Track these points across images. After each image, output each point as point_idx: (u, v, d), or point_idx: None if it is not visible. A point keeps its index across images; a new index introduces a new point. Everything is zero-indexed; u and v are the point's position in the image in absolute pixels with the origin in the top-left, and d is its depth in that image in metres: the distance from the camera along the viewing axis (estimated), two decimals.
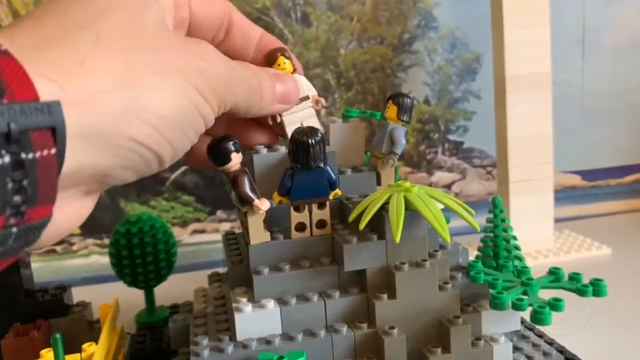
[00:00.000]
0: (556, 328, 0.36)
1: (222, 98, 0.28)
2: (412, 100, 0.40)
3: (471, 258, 0.40)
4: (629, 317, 0.52)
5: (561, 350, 0.39)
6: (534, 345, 0.38)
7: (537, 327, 0.41)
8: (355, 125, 0.42)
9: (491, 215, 0.44)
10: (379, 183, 0.41)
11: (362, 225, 0.33)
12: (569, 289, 0.35)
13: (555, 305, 0.32)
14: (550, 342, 0.40)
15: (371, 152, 0.42)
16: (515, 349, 0.37)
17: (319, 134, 0.33)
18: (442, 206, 0.34)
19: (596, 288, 0.34)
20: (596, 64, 0.83)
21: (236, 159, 0.32)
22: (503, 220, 0.44)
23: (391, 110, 0.40)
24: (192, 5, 0.30)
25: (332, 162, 0.37)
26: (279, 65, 0.36)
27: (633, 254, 0.69)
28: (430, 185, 0.81)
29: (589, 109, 0.85)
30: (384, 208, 0.34)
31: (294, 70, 0.37)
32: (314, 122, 0.38)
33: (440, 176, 0.82)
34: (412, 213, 0.34)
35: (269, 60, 0.36)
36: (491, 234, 0.44)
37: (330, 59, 0.76)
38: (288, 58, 0.37)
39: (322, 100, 0.39)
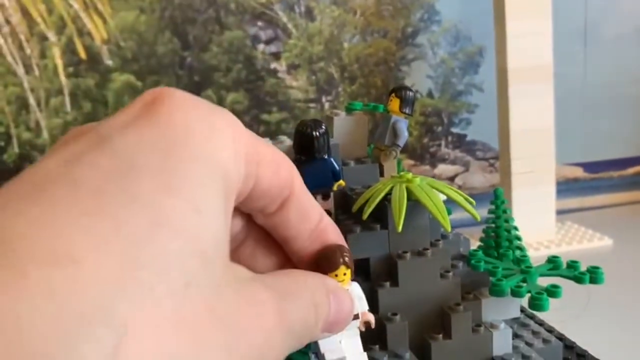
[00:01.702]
0: (555, 315, 0.37)
1: None
2: (414, 93, 0.41)
3: (473, 248, 0.40)
4: (630, 307, 0.53)
5: (561, 338, 0.40)
6: (534, 332, 0.39)
7: (537, 315, 0.42)
8: (359, 118, 0.43)
9: (493, 207, 0.45)
10: (381, 175, 0.42)
11: (365, 215, 0.34)
12: (566, 277, 0.35)
13: (552, 291, 0.32)
14: (550, 330, 0.41)
15: (374, 144, 0.42)
16: (516, 336, 0.37)
17: (323, 126, 0.34)
18: (444, 197, 0.35)
19: (593, 275, 0.34)
20: (598, 56, 0.84)
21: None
22: (505, 211, 0.45)
23: (393, 103, 0.41)
24: (260, 173, 0.22)
25: (336, 154, 0.38)
26: (336, 275, 0.27)
27: (634, 245, 0.70)
28: (433, 177, 0.81)
29: (590, 101, 0.85)
30: (386, 198, 0.35)
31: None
32: (355, 344, 0.30)
33: (443, 169, 0.83)
34: (414, 203, 0.34)
35: (327, 261, 0.28)
36: (493, 225, 0.45)
37: (334, 53, 0.77)
38: (349, 267, 0.29)
39: (372, 321, 0.29)
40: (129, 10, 0.72)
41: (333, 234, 0.26)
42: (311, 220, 0.25)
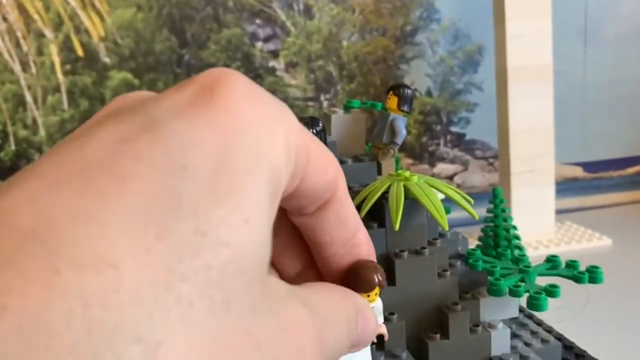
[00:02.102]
0: (553, 315, 0.37)
1: None
2: (412, 91, 0.41)
3: (471, 247, 0.40)
4: (629, 307, 0.53)
5: (559, 338, 0.40)
6: (533, 332, 0.38)
7: (536, 315, 0.41)
8: (356, 115, 0.43)
9: (492, 206, 0.45)
10: (379, 173, 0.41)
11: (362, 214, 0.34)
12: (565, 276, 0.35)
13: (551, 291, 0.32)
14: (549, 330, 0.41)
15: (372, 142, 0.42)
16: (514, 336, 0.37)
17: (320, 124, 0.34)
18: (442, 196, 0.35)
19: (592, 275, 0.34)
20: (598, 55, 0.84)
21: None
22: (503, 210, 0.45)
23: (392, 101, 0.40)
24: (307, 171, 0.21)
25: (334, 152, 0.37)
26: (368, 295, 0.27)
27: (634, 245, 0.69)
28: (432, 176, 0.81)
29: (590, 100, 0.85)
30: (384, 197, 0.34)
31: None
32: (365, 356, 0.29)
33: (442, 168, 0.83)
34: (411, 202, 0.34)
35: (363, 281, 0.26)
36: (491, 224, 0.45)
37: (333, 51, 0.77)
38: (382, 287, 0.28)
39: (386, 334, 0.30)
40: (127, 7, 0.72)
41: (366, 249, 0.24)
42: (349, 229, 0.23)
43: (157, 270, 0.13)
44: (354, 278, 0.25)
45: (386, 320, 0.33)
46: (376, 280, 0.25)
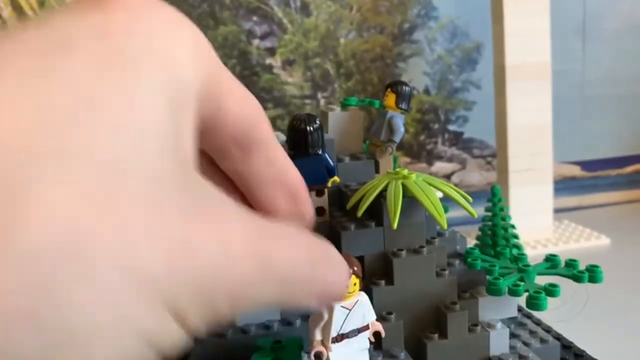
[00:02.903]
0: (552, 314, 0.37)
1: (218, 310, 0.16)
2: (410, 89, 0.40)
3: (469, 246, 0.40)
4: (627, 306, 0.53)
5: (558, 338, 0.39)
6: (531, 332, 0.38)
7: (535, 314, 0.41)
8: (354, 113, 0.42)
9: (490, 204, 0.45)
10: (377, 171, 0.41)
11: (360, 212, 0.33)
12: (565, 275, 0.35)
13: (550, 290, 0.32)
14: (548, 330, 0.40)
15: (370, 140, 0.42)
16: (513, 335, 0.37)
17: (317, 121, 0.33)
18: (440, 195, 0.35)
19: (592, 274, 0.34)
20: (596, 53, 0.83)
21: None
22: (501, 209, 0.45)
23: (390, 99, 0.40)
24: (224, 104, 0.20)
25: (331, 150, 0.37)
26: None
27: (632, 244, 0.69)
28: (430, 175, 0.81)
29: (588, 98, 0.85)
30: (382, 195, 0.34)
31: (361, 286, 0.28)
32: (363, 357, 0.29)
33: (440, 166, 0.83)
34: (409, 200, 0.34)
35: None
36: (489, 223, 0.45)
37: (330, 49, 0.76)
38: (359, 277, 0.27)
39: (382, 330, 0.29)
40: None
41: (298, 183, 0.24)
42: (279, 170, 0.23)
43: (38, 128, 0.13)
44: None
45: (384, 319, 0.33)
46: (349, 270, 0.25)
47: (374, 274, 0.35)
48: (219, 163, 0.22)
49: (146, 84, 0.16)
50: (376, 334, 0.29)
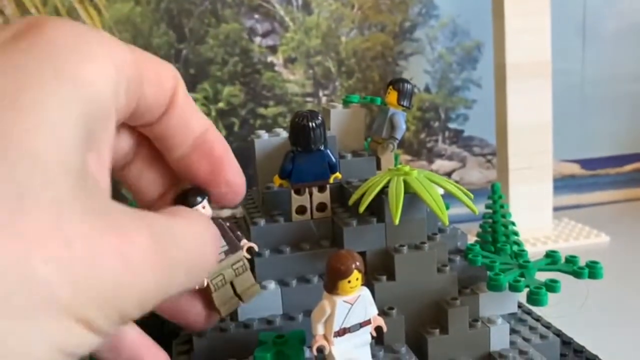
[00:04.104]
0: (552, 310, 0.37)
1: (125, 312, 0.17)
2: (412, 86, 0.41)
3: (470, 243, 0.40)
4: (626, 303, 0.53)
5: (558, 334, 0.40)
6: (531, 328, 0.38)
7: (535, 311, 0.41)
8: (356, 110, 0.42)
9: (490, 202, 0.45)
10: (378, 168, 0.41)
11: (361, 209, 0.34)
12: (565, 271, 0.35)
13: (551, 286, 0.32)
14: (548, 326, 0.41)
15: (371, 137, 0.42)
16: (513, 331, 0.37)
17: (319, 117, 0.34)
18: (442, 191, 0.35)
19: (592, 270, 0.34)
20: (596, 52, 0.83)
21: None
22: (502, 206, 0.45)
23: (391, 96, 0.40)
24: (144, 91, 0.22)
25: (333, 147, 0.37)
26: (349, 281, 0.27)
27: (631, 242, 0.69)
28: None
29: (588, 97, 0.85)
30: (383, 191, 0.34)
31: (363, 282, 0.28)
32: (365, 354, 0.29)
33: (440, 164, 0.83)
34: (411, 196, 0.34)
35: (340, 268, 0.26)
36: (490, 220, 0.45)
37: (331, 47, 0.76)
38: (361, 271, 0.27)
39: (384, 325, 0.29)
40: (124, 1, 0.71)
41: (219, 147, 0.26)
42: (193, 129, 0.25)
43: None
44: (333, 269, 0.27)
45: (385, 314, 0.33)
46: (352, 265, 0.26)
47: (376, 270, 0.35)
48: (139, 129, 0.24)
49: (52, 107, 0.17)
50: (378, 329, 0.29)
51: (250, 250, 0.31)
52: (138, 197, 0.28)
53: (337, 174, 0.36)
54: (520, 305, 0.40)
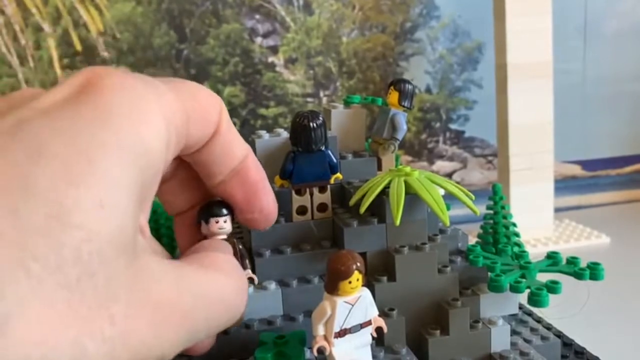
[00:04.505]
0: (553, 311, 0.37)
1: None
2: (413, 86, 0.41)
3: (470, 244, 0.40)
4: (627, 305, 0.53)
5: (559, 335, 0.39)
6: (532, 329, 0.38)
7: (535, 312, 0.41)
8: (357, 111, 0.42)
9: (491, 202, 0.45)
10: (379, 168, 0.41)
11: (362, 209, 0.33)
12: (566, 273, 0.35)
13: (552, 287, 0.32)
14: (548, 327, 0.41)
15: (372, 138, 0.42)
16: (514, 332, 0.37)
17: (320, 118, 0.34)
18: (443, 192, 0.35)
19: (593, 272, 0.34)
20: (597, 52, 0.83)
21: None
22: (503, 207, 0.45)
23: (392, 96, 0.40)
24: (190, 131, 0.22)
25: (334, 147, 0.37)
26: (350, 282, 0.27)
27: (632, 244, 0.69)
28: None
29: (590, 98, 0.85)
30: (384, 192, 0.34)
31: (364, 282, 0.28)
32: (366, 355, 0.29)
33: (441, 165, 0.83)
34: (412, 197, 0.34)
35: (340, 269, 0.26)
36: (491, 221, 0.45)
37: (332, 47, 0.76)
38: (362, 272, 0.27)
39: (384, 326, 0.29)
40: (126, 1, 0.71)
41: (255, 174, 0.26)
42: (234, 156, 0.25)
43: (11, 251, 0.14)
44: (333, 269, 0.27)
45: (386, 315, 0.33)
46: (353, 265, 0.26)
47: (376, 270, 0.35)
48: (181, 156, 0.24)
49: (114, 186, 0.17)
50: (378, 330, 0.29)
51: (250, 281, 0.31)
52: (168, 206, 0.28)
53: (338, 175, 0.36)
54: (521, 307, 0.40)
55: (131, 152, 0.18)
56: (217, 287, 0.22)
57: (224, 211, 0.27)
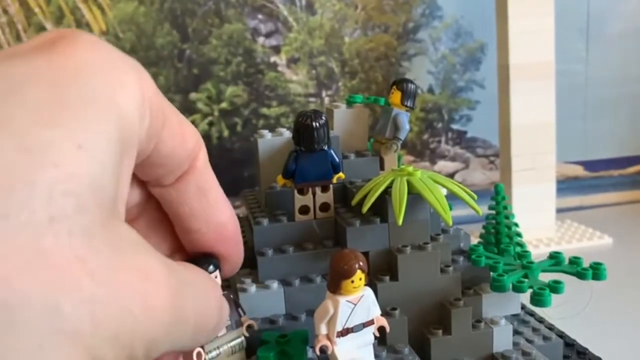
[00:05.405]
0: (555, 312, 0.37)
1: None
2: (416, 86, 0.41)
3: (473, 244, 0.40)
4: (630, 305, 0.53)
5: (561, 335, 0.39)
6: (534, 329, 0.38)
7: (538, 312, 0.41)
8: (359, 111, 0.42)
9: (493, 203, 0.45)
10: (382, 168, 0.41)
11: (365, 209, 0.34)
12: (569, 273, 0.35)
13: (555, 287, 0.32)
14: (550, 327, 0.41)
15: (375, 137, 0.42)
16: (516, 333, 0.37)
17: (323, 117, 0.34)
18: (445, 192, 0.35)
19: (596, 272, 0.34)
20: (600, 53, 0.83)
21: None
22: (505, 207, 0.45)
23: (395, 96, 0.40)
24: (163, 136, 0.20)
25: (336, 147, 0.37)
26: (352, 281, 0.27)
27: (634, 244, 0.69)
28: None
29: (592, 99, 0.85)
30: (386, 192, 0.34)
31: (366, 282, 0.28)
32: (368, 354, 0.29)
33: (443, 165, 0.83)
34: (414, 197, 0.34)
35: (343, 268, 0.27)
36: (493, 221, 0.45)
37: (335, 47, 0.76)
38: (364, 271, 0.27)
39: (387, 325, 0.29)
40: (128, 1, 0.71)
41: (231, 229, 0.24)
42: (210, 200, 0.23)
43: None
44: (336, 268, 0.27)
45: (388, 315, 0.33)
46: (356, 265, 0.26)
47: (379, 270, 0.35)
48: (150, 188, 0.22)
49: (93, 129, 0.16)
50: (381, 329, 0.29)
51: (249, 327, 0.30)
52: None
53: (341, 174, 0.36)
54: (523, 307, 0.40)
55: (110, 110, 0.17)
56: (203, 282, 0.21)
57: (211, 267, 0.25)
